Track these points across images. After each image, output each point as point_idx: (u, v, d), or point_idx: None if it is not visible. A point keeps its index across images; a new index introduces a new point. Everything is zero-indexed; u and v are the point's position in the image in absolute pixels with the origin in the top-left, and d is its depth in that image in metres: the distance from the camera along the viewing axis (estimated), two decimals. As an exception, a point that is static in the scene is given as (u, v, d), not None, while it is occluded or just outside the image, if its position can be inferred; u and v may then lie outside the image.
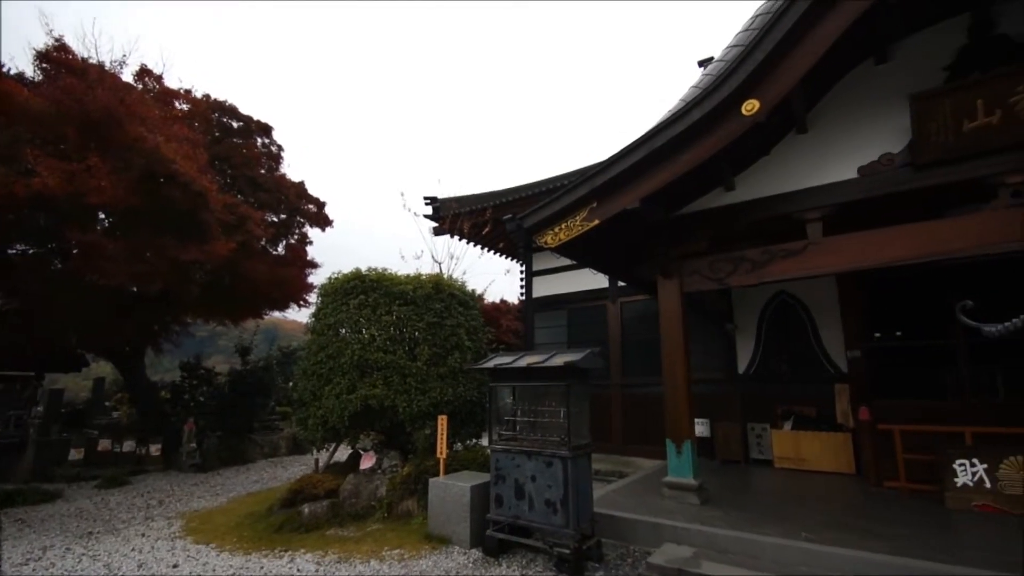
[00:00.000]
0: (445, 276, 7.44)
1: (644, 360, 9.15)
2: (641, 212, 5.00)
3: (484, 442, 6.82)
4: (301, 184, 13.44)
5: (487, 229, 9.07)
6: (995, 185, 4.07)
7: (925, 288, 6.67)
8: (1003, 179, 4.04)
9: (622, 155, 4.79)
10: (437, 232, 9.99)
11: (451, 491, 5.08)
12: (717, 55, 4.33)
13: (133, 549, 5.38)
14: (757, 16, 4.01)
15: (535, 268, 11.02)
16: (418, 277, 7.00)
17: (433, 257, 9.13)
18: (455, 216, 9.28)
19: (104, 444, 10.79)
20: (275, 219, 13.10)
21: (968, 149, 4.13)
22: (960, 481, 5.10)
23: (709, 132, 4.40)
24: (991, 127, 4.00)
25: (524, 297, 11.05)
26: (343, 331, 6.70)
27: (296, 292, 13.02)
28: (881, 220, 4.64)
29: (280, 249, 13.34)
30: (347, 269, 7.07)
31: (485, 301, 15.16)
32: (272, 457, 12.08)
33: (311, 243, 14.04)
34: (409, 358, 6.51)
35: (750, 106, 4.11)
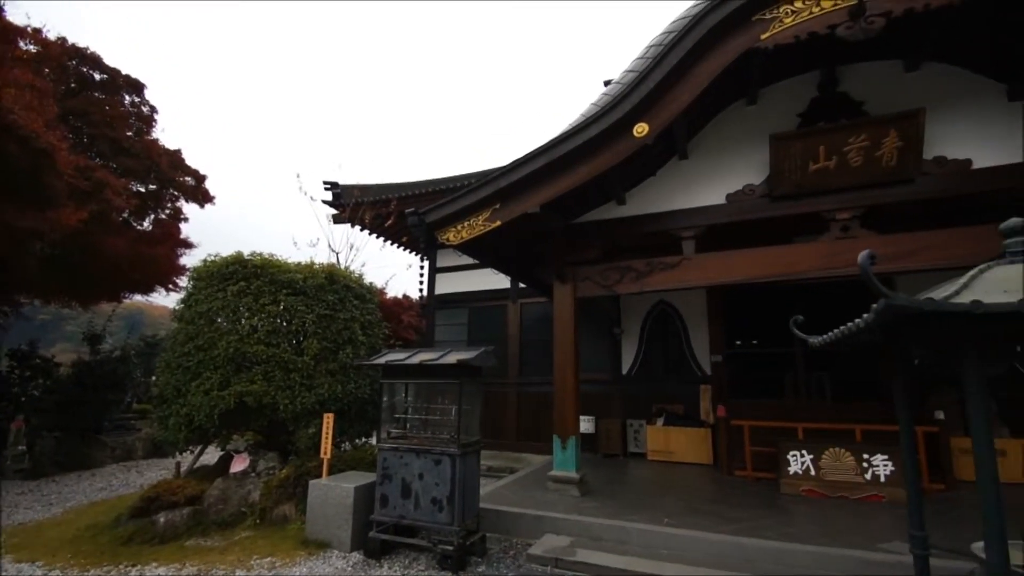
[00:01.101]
0: (342, 267, 7.09)
1: (540, 360, 9.49)
2: (541, 217, 5.20)
3: (375, 441, 6.61)
4: (177, 153, 11.92)
5: (390, 221, 8.79)
6: (829, 219, 4.87)
7: (775, 303, 7.73)
8: (835, 215, 4.84)
9: (525, 160, 4.93)
10: (337, 220, 9.47)
11: (333, 493, 4.85)
12: (616, 77, 4.64)
13: (-80, 577, 4.42)
14: (651, 47, 4.37)
15: (439, 265, 10.92)
16: (310, 266, 6.57)
17: (330, 246, 8.64)
18: (357, 204, 8.86)
19: None
20: (142, 189, 11.49)
21: (811, 187, 4.89)
22: (792, 469, 5.98)
23: (605, 148, 4.70)
24: (829, 170, 4.77)
25: (426, 293, 10.90)
26: (219, 320, 6.08)
27: (164, 274, 11.52)
28: (745, 242, 5.31)
29: (147, 224, 11.73)
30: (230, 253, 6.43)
31: (386, 295, 14.65)
32: (126, 461, 10.59)
33: (186, 220, 12.49)
34: (295, 352, 6.09)
35: (640, 129, 4.47)
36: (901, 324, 2.07)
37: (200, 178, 12.44)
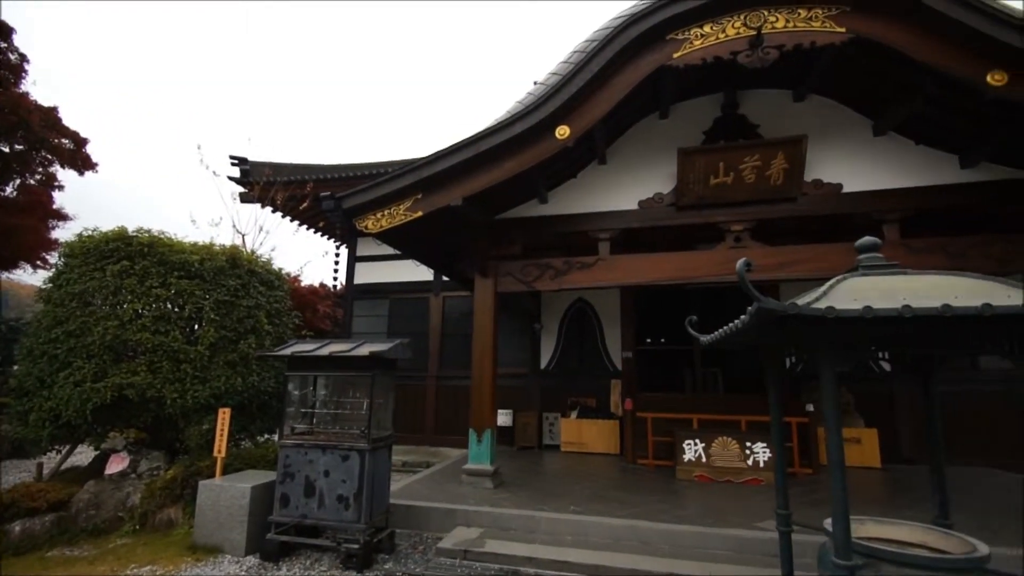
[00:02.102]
0: (247, 250, 6.58)
1: (462, 354, 9.47)
2: (464, 211, 5.18)
3: (279, 438, 6.23)
4: (52, 111, 10.39)
5: (306, 204, 8.30)
6: (725, 230, 5.35)
7: (681, 304, 8.35)
8: (730, 226, 5.33)
9: (449, 152, 4.89)
10: (244, 199, 8.76)
11: (227, 493, 4.51)
12: (540, 79, 4.74)
13: None
14: (574, 52, 4.52)
15: (359, 253, 10.52)
16: (210, 247, 6.02)
17: (235, 226, 7.93)
18: (268, 184, 8.25)
19: None
20: (5, 149, 9.90)
21: (711, 199, 5.34)
22: (687, 457, 6.50)
23: (528, 146, 4.79)
24: (727, 185, 5.23)
25: (344, 282, 10.45)
26: (95, 303, 5.40)
27: (30, 248, 10.04)
28: (655, 246, 5.68)
29: (10, 190, 10.14)
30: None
31: (300, 283, 13.88)
32: (-29, 464, 9.08)
33: (60, 187, 10.97)
34: (187, 340, 5.56)
35: (562, 131, 4.62)
36: (772, 325, 2.33)
37: (80, 141, 10.97)
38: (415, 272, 9.48)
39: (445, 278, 9.62)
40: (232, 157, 8.81)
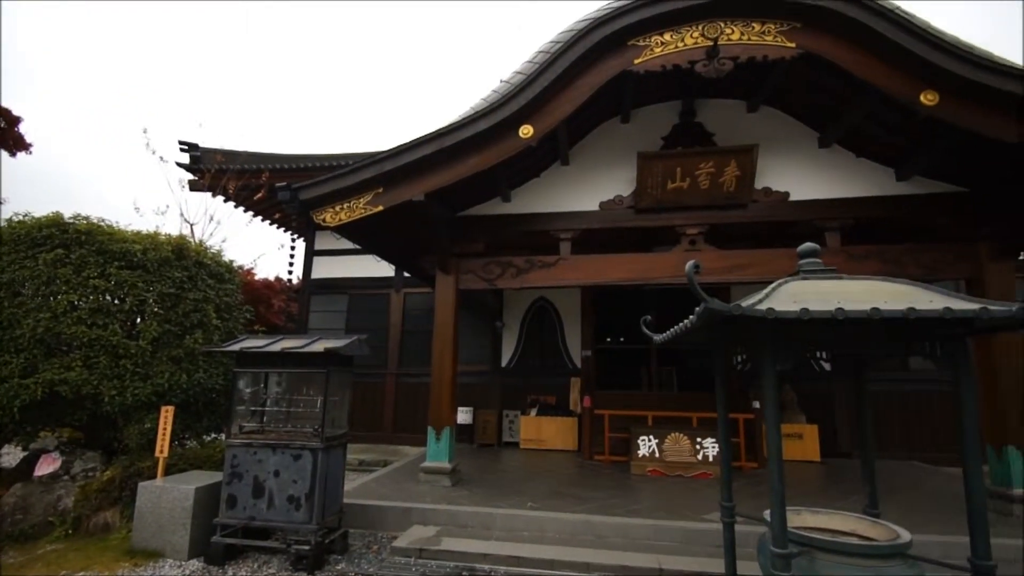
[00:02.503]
0: (196, 240, 6.27)
1: (422, 351, 9.38)
2: (426, 207, 5.12)
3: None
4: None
5: (261, 194, 7.99)
6: (680, 233, 5.53)
7: (639, 304, 8.55)
8: (685, 230, 5.52)
9: (412, 146, 4.82)
10: (194, 187, 8.34)
11: (168, 495, 4.30)
12: (505, 77, 4.75)
13: None
14: (539, 53, 4.56)
15: (317, 247, 10.22)
16: (154, 236, 5.70)
17: (183, 215, 7.52)
18: (220, 172, 7.89)
19: None
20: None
21: (669, 203, 5.50)
22: (641, 452, 6.68)
23: (493, 144, 4.79)
24: (683, 190, 5.40)
25: (301, 277, 10.14)
26: (26, 293, 5.03)
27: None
28: (615, 247, 5.80)
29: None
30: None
31: (254, 276, 13.36)
32: None
33: (-12, 170, 10.14)
34: (127, 335, 5.26)
35: (526, 130, 4.64)
36: (719, 325, 2.43)
37: (12, 120, 10.16)
38: (376, 268, 9.30)
39: (407, 274, 9.49)
40: (181, 142, 8.37)
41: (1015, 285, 5.12)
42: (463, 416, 8.75)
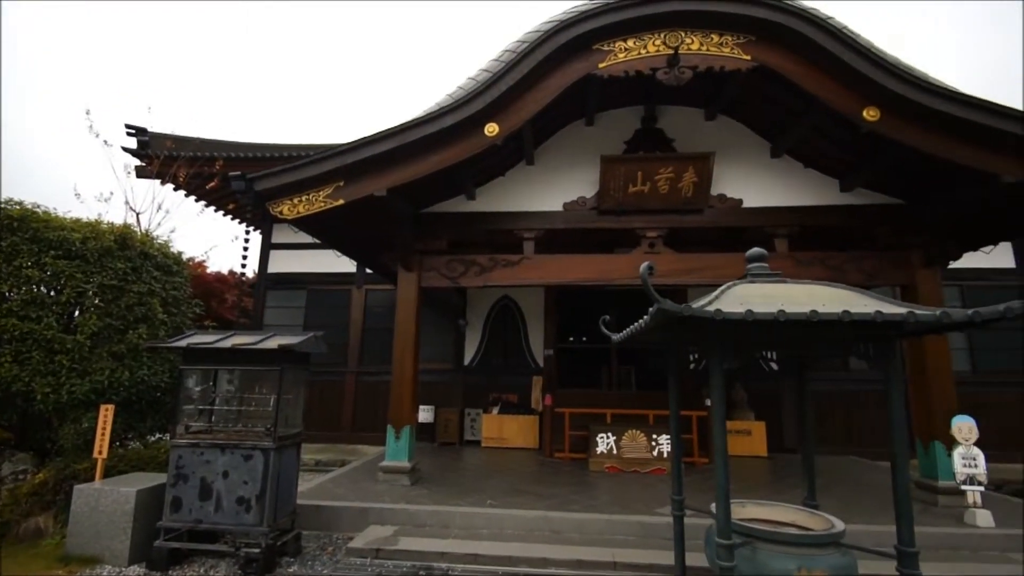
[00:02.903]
0: (141, 230, 5.95)
1: (383, 349, 9.23)
2: (389, 202, 5.04)
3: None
4: None
5: (214, 183, 7.65)
6: (640, 236, 5.68)
7: (602, 303, 8.70)
8: (645, 232, 5.67)
9: (376, 139, 4.73)
10: (141, 173, 7.88)
11: (108, 498, 4.07)
12: (471, 74, 4.73)
13: None
14: (505, 52, 4.57)
15: (275, 240, 9.90)
16: (95, 224, 5.37)
17: (129, 203, 7.09)
18: (170, 158, 7.49)
19: None
20: None
21: (630, 206, 5.63)
22: (599, 449, 6.81)
23: (458, 141, 4.77)
24: (644, 194, 5.54)
25: (257, 271, 9.78)
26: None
27: None
28: (577, 248, 5.89)
29: None
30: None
31: (206, 269, 12.80)
32: None
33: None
34: (64, 328, 4.93)
35: (491, 128, 4.65)
36: (672, 326, 2.51)
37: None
38: (336, 263, 9.09)
39: (369, 271, 9.33)
40: (128, 126, 7.92)
41: (942, 292, 5.52)
42: (425, 415, 8.68)
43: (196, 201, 9.24)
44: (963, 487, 4.61)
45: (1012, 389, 8.23)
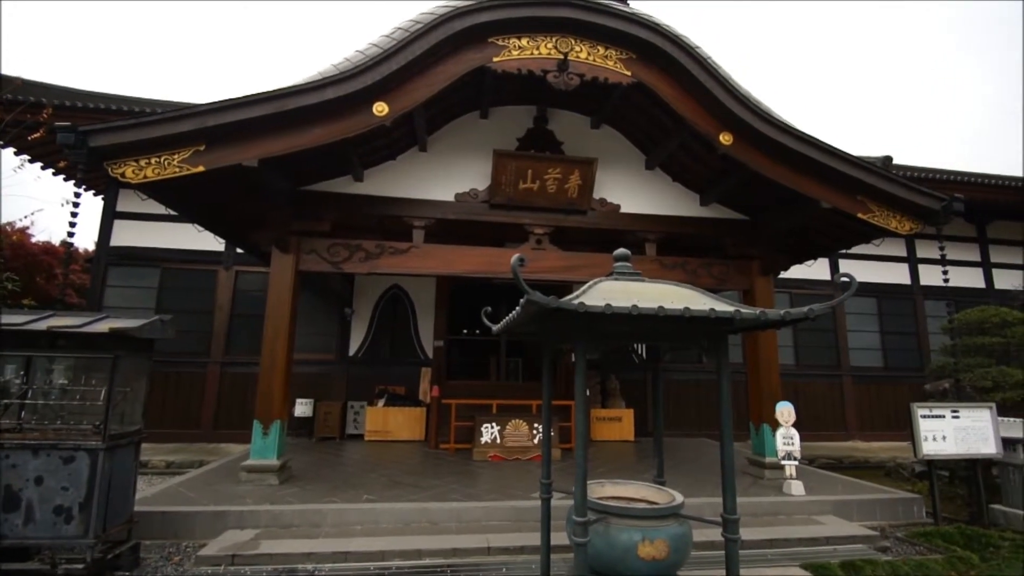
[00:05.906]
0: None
1: (255, 338, 8.43)
2: (262, 174, 4.60)
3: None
4: None
5: (40, 134, 6.35)
6: (529, 232, 5.88)
7: (493, 295, 8.83)
8: (533, 229, 5.89)
9: (245, 103, 4.24)
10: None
11: None
12: (360, 47, 4.47)
13: None
14: (397, 30, 4.39)
15: (120, 208, 8.54)
16: None
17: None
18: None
19: None
20: None
21: (520, 202, 5.80)
22: (484, 439, 6.94)
23: (343, 116, 4.48)
24: (533, 191, 5.74)
25: (96, 243, 8.36)
26: None
27: None
28: (469, 239, 5.90)
29: None
30: None
31: (29, 238, 10.67)
32: None
33: None
34: None
35: (380, 108, 4.45)
36: (545, 317, 2.63)
37: None
38: (200, 239, 8.06)
39: (240, 250, 8.46)
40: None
41: (774, 296, 6.49)
42: (302, 408, 8.14)
43: (16, 155, 7.60)
44: (782, 462, 5.47)
45: (823, 379, 10.00)
